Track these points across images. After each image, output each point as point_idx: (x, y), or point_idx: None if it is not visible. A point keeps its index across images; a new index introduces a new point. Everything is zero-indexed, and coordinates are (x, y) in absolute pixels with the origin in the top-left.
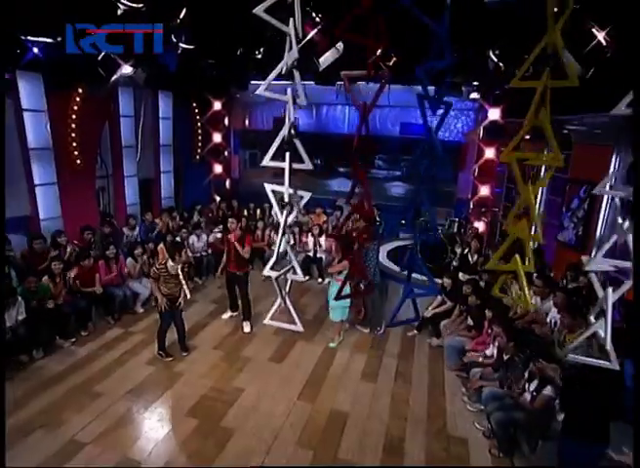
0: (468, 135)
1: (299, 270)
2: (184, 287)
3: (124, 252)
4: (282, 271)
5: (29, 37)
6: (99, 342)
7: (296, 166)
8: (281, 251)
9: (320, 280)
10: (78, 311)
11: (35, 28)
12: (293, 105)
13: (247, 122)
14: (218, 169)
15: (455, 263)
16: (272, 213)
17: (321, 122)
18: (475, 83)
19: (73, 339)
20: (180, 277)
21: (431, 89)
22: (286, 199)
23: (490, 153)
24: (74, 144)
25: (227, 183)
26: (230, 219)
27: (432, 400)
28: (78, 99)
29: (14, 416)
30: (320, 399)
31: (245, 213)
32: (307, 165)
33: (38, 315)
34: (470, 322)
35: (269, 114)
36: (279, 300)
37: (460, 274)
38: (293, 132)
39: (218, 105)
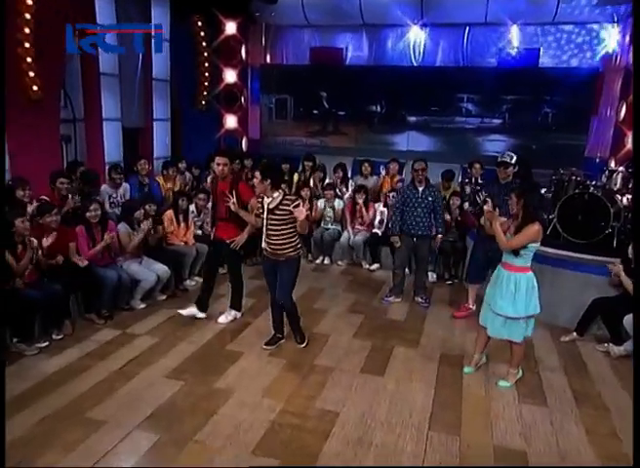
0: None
1: None
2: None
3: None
4: None
5: None
6: (83, 348)
7: None
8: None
9: None
10: (49, 301)
11: None
12: None
13: (268, 55)
14: (231, 121)
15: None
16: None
17: (381, 52)
18: None
19: (43, 344)
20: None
21: None
22: None
23: None
24: (29, 60)
25: (244, 143)
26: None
27: None
28: None
29: None
30: (467, 429)
31: None
32: None
33: None
34: None
35: (304, 43)
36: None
37: None
38: None
39: (231, 28)
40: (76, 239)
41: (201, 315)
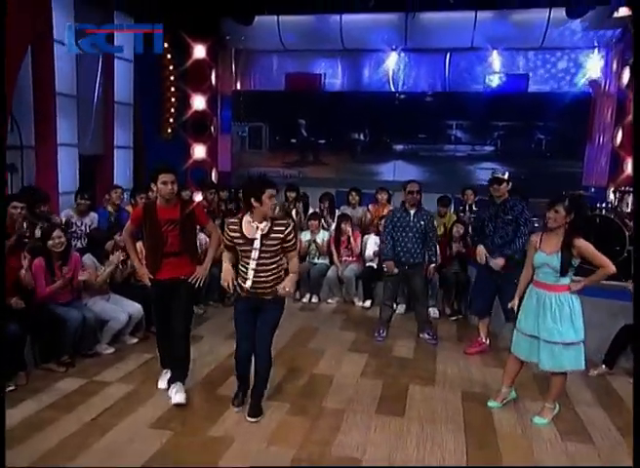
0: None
1: None
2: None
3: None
4: None
5: None
6: (44, 399)
7: None
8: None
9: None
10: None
11: None
12: None
13: (239, 81)
14: (199, 151)
15: None
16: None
17: (362, 78)
18: None
19: None
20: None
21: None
22: None
23: None
24: None
25: (214, 175)
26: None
27: None
28: None
29: None
30: None
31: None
32: None
33: None
34: None
35: (278, 69)
36: None
37: None
38: None
39: (200, 52)
40: (34, 273)
41: None
